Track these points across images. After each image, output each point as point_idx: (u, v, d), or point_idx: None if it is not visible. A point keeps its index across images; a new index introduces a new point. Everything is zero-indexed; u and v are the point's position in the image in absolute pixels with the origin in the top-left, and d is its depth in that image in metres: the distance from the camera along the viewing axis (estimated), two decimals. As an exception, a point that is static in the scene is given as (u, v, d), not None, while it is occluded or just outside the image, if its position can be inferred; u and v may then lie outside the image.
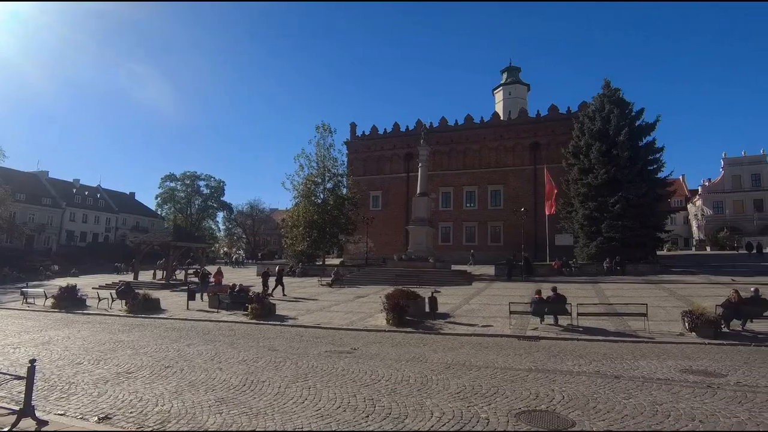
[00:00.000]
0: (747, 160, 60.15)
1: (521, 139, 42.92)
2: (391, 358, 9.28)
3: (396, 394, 6.67)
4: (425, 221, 31.09)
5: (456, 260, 34.40)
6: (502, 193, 43.16)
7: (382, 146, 48.71)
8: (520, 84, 55.90)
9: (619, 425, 5.20)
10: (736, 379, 7.27)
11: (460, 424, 5.38)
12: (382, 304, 14.21)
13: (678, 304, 14.94)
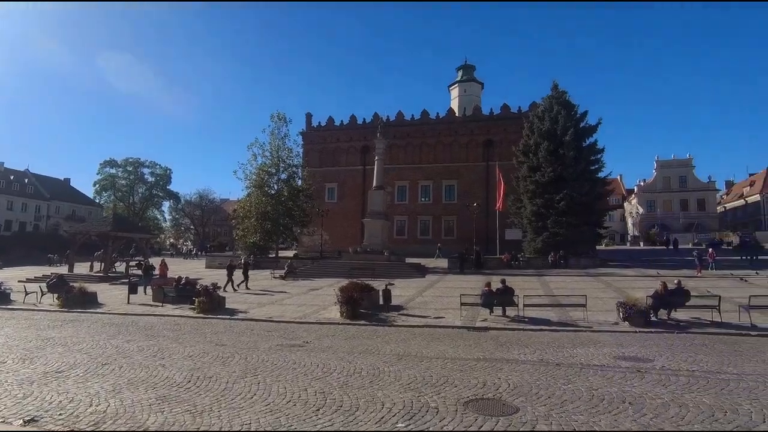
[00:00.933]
0: (676, 163, 65.31)
1: (475, 136, 44.04)
2: (344, 351, 9.25)
3: (348, 386, 6.66)
4: (381, 214, 31.22)
5: (410, 253, 34.85)
6: (456, 188, 44.15)
7: (339, 138, 48.24)
8: (475, 82, 57.14)
9: (558, 410, 5.49)
10: (662, 363, 7.89)
11: (411, 414, 5.46)
12: (336, 296, 14.14)
13: (614, 295, 15.97)
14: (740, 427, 4.88)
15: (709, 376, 6.99)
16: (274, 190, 37.00)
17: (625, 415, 5.27)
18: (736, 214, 69.56)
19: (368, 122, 46.63)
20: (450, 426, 5.05)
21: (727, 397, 5.92)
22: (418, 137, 45.76)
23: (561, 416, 5.26)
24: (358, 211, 43.80)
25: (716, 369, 7.46)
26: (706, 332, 10.70)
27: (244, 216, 36.47)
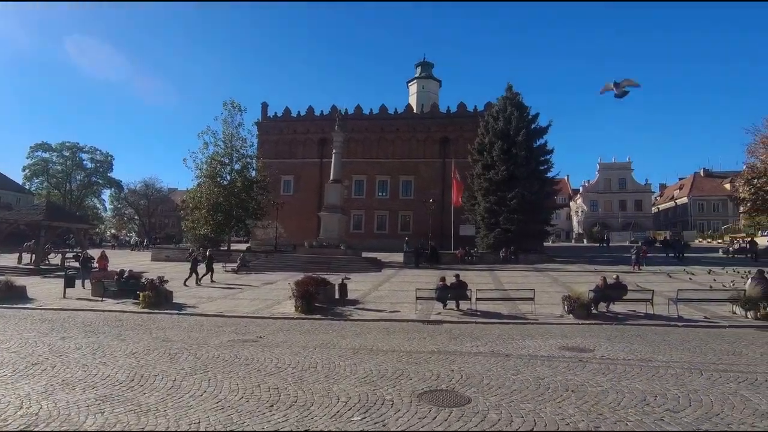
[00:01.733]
0: (617, 165, 69.71)
1: (432, 133, 44.72)
2: (299, 346, 9.13)
3: (303, 381, 6.58)
4: (338, 208, 31.00)
5: (367, 248, 34.91)
6: (413, 184, 44.70)
7: (295, 129, 47.32)
8: (433, 79, 57.92)
9: (508, 399, 5.71)
10: (601, 353, 8.41)
11: (366, 407, 5.48)
12: (291, 291, 13.90)
13: (559, 289, 16.83)
14: (669, 410, 5.30)
15: (642, 364, 7.53)
16: (226, 180, 35.71)
17: (568, 403, 5.57)
18: (667, 215, 75.42)
19: (326, 114, 46.10)
20: (405, 418, 5.12)
21: (658, 383, 6.41)
22: (376, 132, 45.84)
23: (510, 405, 5.48)
24: (314, 204, 43.24)
25: (648, 357, 8.05)
26: (640, 323, 11.51)
27: (194, 207, 34.96)
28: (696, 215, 68.84)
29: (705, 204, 68.85)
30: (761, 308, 11.52)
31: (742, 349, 8.66)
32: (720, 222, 63.62)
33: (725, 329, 10.81)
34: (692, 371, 7.04)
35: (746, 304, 11.84)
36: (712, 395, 5.80)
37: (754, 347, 8.80)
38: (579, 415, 5.14)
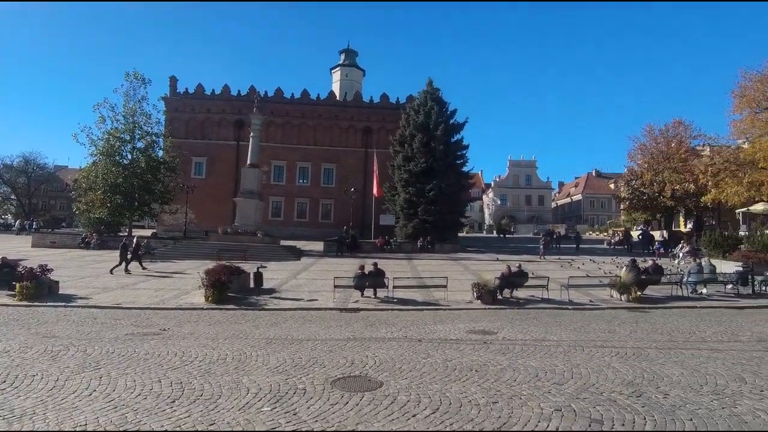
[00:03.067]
0: (524, 163, 75.64)
1: (355, 122, 44.59)
2: (208, 337, 8.66)
3: (210, 374, 6.26)
4: (255, 194, 29.76)
5: (287, 236, 34.05)
6: (335, 172, 44.33)
7: (209, 108, 44.23)
8: (357, 68, 57.72)
9: (418, 381, 5.96)
10: (503, 335, 9.14)
11: (277, 397, 5.37)
12: (201, 280, 13.11)
13: (470, 277, 17.86)
14: (556, 383, 5.92)
15: (536, 344, 8.32)
16: (127, 159, 32.36)
17: (471, 381, 5.97)
18: (564, 210, 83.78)
19: (243, 95, 43.71)
20: (317, 405, 5.11)
21: (548, 359, 7.13)
22: (297, 117, 44.56)
23: (420, 387, 5.72)
24: (229, 189, 41.08)
25: (542, 337, 8.91)
26: (537, 307, 12.68)
27: (88, 187, 31.27)
28: (588, 211, 77.45)
29: (595, 201, 77.72)
30: (632, 292, 13.31)
31: (616, 327, 9.95)
32: (606, 217, 72.21)
33: (604, 310, 12.32)
34: (576, 348, 7.93)
35: (621, 288, 13.58)
36: (590, 368, 6.60)
37: (626, 325, 10.16)
38: (480, 392, 5.54)
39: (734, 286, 14.75)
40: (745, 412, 4.88)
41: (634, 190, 47.66)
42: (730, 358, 7.26)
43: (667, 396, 5.42)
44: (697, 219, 47.10)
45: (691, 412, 4.90)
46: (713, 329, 9.71)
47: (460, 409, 4.98)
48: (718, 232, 26.28)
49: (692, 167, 43.39)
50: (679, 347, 8.07)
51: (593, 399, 5.31)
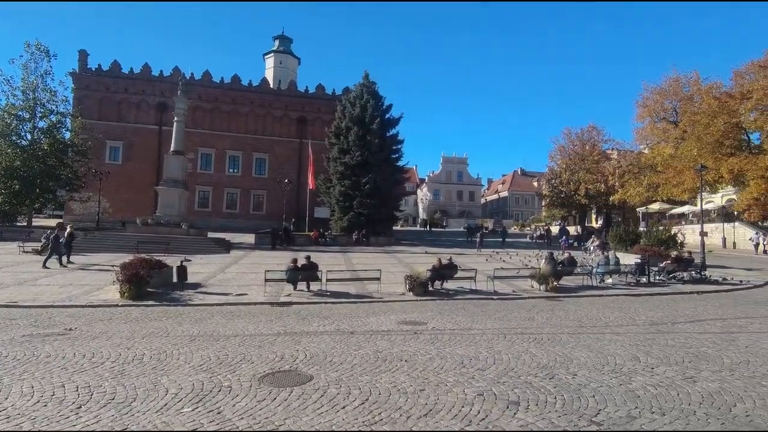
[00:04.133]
0: (456, 159, 78.53)
1: (289, 111, 43.42)
2: (123, 336, 8.01)
3: (124, 375, 5.79)
4: (180, 183, 27.94)
5: (215, 228, 32.44)
6: (268, 162, 42.94)
7: (127, 89, 40.65)
8: (292, 56, 56.04)
9: (348, 374, 5.98)
10: (433, 325, 9.45)
11: (200, 396, 5.11)
12: (116, 274, 12.07)
13: (403, 269, 18.26)
14: (479, 369, 6.25)
15: (463, 333, 8.72)
16: (26, 140, 28.81)
17: (401, 371, 6.11)
18: (493, 205, 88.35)
19: (167, 76, 40.75)
20: (243, 402, 4.94)
21: (473, 347, 7.50)
22: (227, 103, 42.40)
23: (350, 379, 5.75)
24: (150, 176, 38.23)
25: (469, 326, 9.35)
26: (465, 298, 13.27)
27: (-23, 171, 27.43)
28: (513, 207, 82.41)
29: (520, 198, 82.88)
30: (550, 282, 14.41)
31: (534, 315, 10.71)
32: (530, 213, 77.35)
33: (526, 300, 13.20)
34: (499, 336, 8.43)
35: (540, 279, 14.65)
36: (511, 354, 7.05)
37: (543, 313, 10.98)
38: (409, 381, 5.69)
39: (634, 276, 16.53)
40: (638, 388, 5.50)
41: (554, 189, 51.71)
42: (628, 340, 8.13)
43: (576, 376, 5.95)
44: (606, 216, 52.16)
45: (594, 390, 5.42)
46: (615, 315, 10.80)
47: (389, 399, 5.08)
48: (623, 228, 29.21)
49: (603, 169, 47.99)
50: (587, 332, 8.88)
51: (512, 382, 5.68)
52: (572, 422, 4.46)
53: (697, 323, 9.81)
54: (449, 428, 4.32)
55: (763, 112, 31.51)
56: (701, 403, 5.01)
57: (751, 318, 10.41)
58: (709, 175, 30.95)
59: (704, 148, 32.69)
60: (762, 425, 4.42)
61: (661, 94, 40.19)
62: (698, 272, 17.08)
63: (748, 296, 14.05)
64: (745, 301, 12.96)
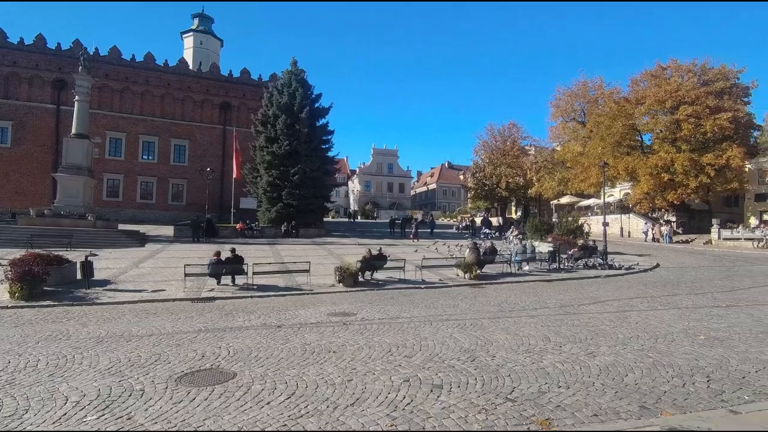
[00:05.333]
0: (386, 152, 79.43)
1: (211, 96, 40.82)
2: (13, 342, 7.09)
3: (14, 385, 5.13)
4: (83, 169, 25.19)
5: (127, 219, 29.78)
6: (188, 150, 40.14)
7: (16, 61, 35.55)
8: (214, 37, 52.58)
9: (275, 368, 5.83)
10: (362, 315, 9.53)
11: (107, 402, 4.68)
12: (4, 272, 10.63)
13: (334, 261, 18.16)
14: (406, 356, 6.42)
15: (392, 322, 8.89)
16: None
17: (329, 363, 6.08)
18: (422, 197, 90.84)
19: (66, 49, 36.30)
20: (158, 406, 4.60)
21: (401, 335, 7.68)
22: (140, 83, 38.81)
23: (276, 374, 5.60)
24: (47, 162, 34.11)
25: (397, 315, 9.56)
26: (395, 288, 13.55)
27: None
28: (441, 199, 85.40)
29: (447, 190, 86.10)
30: (473, 270, 15.19)
31: (459, 302, 11.23)
32: (456, 205, 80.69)
33: (451, 288, 13.80)
34: (425, 323, 8.72)
35: (464, 268, 15.39)
36: (436, 340, 7.32)
37: (467, 300, 11.55)
38: (337, 372, 5.68)
39: (547, 263, 17.97)
40: (548, 365, 5.99)
41: (478, 182, 54.44)
42: (541, 322, 8.83)
43: (494, 358, 6.33)
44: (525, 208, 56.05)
45: (510, 369, 5.81)
46: (531, 299, 11.68)
47: (316, 391, 5.03)
48: (538, 219, 31.59)
49: (522, 164, 51.45)
50: (506, 316, 9.50)
51: (436, 367, 5.90)
52: (490, 401, 4.75)
53: (598, 304, 10.92)
54: (376, 415, 4.39)
55: (653, 116, 35.66)
56: (599, 375, 5.59)
57: (641, 298, 11.81)
58: (610, 171, 34.46)
59: (607, 147, 36.26)
60: (647, 391, 5.04)
61: (571, 96, 43.82)
62: (601, 258, 19.00)
63: (639, 279, 15.92)
64: (637, 283, 14.68)
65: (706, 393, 4.98)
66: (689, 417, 4.16)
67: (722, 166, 31.57)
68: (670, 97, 33.53)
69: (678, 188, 33.13)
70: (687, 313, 9.57)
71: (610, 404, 4.65)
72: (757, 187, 34.71)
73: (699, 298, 11.70)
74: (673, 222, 35.93)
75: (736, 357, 6.28)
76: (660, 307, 10.40)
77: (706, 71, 34.68)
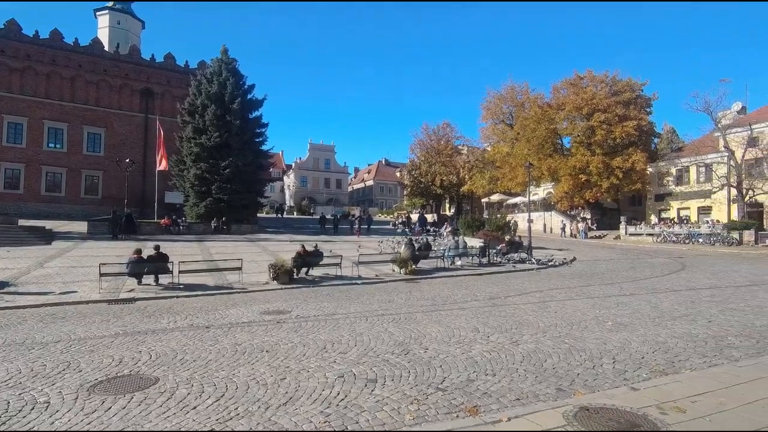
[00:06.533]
0: (323, 147, 78.53)
1: (131, 81, 37.53)
2: None
3: None
4: (-25, 158, 22.12)
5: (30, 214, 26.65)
6: (104, 138, 36.65)
7: None
8: (133, 17, 48.35)
9: (202, 371, 5.53)
10: (297, 313, 9.36)
11: (3, 419, 4.17)
12: None
13: (268, 258, 17.61)
14: (341, 352, 6.41)
15: (327, 318, 8.83)
16: None
17: (261, 362, 5.91)
18: (359, 193, 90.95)
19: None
20: (66, 418, 4.19)
21: (336, 332, 7.65)
22: (45, 63, 34.68)
23: (204, 377, 5.33)
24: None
25: (333, 312, 9.51)
26: (331, 284, 13.46)
27: None
28: (378, 195, 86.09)
29: (384, 187, 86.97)
30: (408, 266, 15.53)
31: (394, 297, 11.43)
32: (393, 201, 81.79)
33: (387, 283, 14.00)
34: (361, 319, 8.76)
35: (400, 263, 15.68)
36: (371, 335, 7.39)
37: (402, 295, 11.78)
38: (269, 371, 5.53)
39: (478, 258, 18.85)
40: (476, 354, 6.30)
41: (414, 179, 55.69)
42: (470, 314, 9.25)
43: (427, 350, 6.53)
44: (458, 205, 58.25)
45: (442, 360, 6.03)
46: (462, 292, 12.18)
47: (247, 392, 4.86)
48: (470, 215, 33.05)
49: (455, 162, 53.43)
50: (438, 309, 9.83)
51: (371, 362, 5.96)
52: (422, 391, 4.89)
53: (523, 295, 11.66)
54: (309, 413, 4.34)
55: (572, 122, 38.73)
56: (522, 361, 5.98)
57: (560, 289, 12.80)
58: (535, 171, 36.88)
59: (532, 149, 38.79)
60: (563, 374, 5.47)
61: (500, 99, 46.25)
62: (526, 253, 20.30)
63: (559, 271, 17.23)
64: (557, 276, 15.88)
65: (612, 373, 5.52)
66: (597, 395, 4.59)
67: (629, 169, 35.10)
68: (587, 104, 36.61)
69: (593, 188, 36.32)
70: (598, 302, 10.53)
71: (531, 388, 4.99)
72: (656, 188, 38.97)
73: (608, 288, 12.92)
74: (589, 219, 39.31)
75: (636, 340, 7.02)
76: (576, 297, 11.34)
77: (616, 82, 38.28)
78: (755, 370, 5.21)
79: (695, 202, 35.54)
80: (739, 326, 7.86)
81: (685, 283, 13.73)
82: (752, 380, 4.80)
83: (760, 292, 11.52)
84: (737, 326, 7.86)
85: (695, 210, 35.57)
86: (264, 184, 36.11)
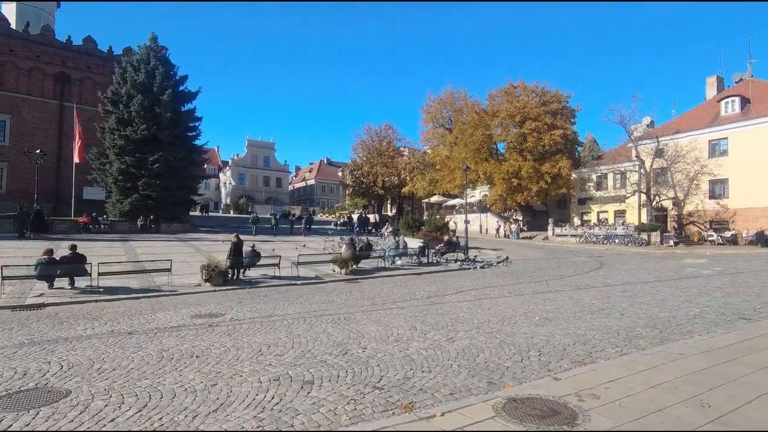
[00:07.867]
0: (262, 144, 76.23)
1: (44, 65, 33.90)
2: None
3: None
4: None
5: None
6: (9, 126, 32.77)
7: None
8: (47, -6, 43.72)
9: (122, 380, 5.12)
10: (231, 315, 8.98)
11: None
12: None
13: (201, 258, 16.71)
14: (277, 354, 6.24)
15: (263, 320, 8.55)
16: None
17: (190, 368, 5.58)
18: (300, 192, 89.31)
19: None
20: (-46, 443, 3.68)
21: (273, 334, 7.44)
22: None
23: (124, 386, 4.94)
24: None
25: (270, 314, 9.24)
26: (269, 285, 13.07)
27: None
28: (320, 195, 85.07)
29: (326, 186, 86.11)
30: (349, 266, 15.49)
31: (334, 297, 11.34)
32: (335, 201, 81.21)
33: (327, 283, 13.86)
34: (299, 320, 8.59)
35: (341, 263, 15.60)
36: (309, 336, 7.27)
37: (342, 295, 11.72)
38: (199, 378, 5.24)
39: (417, 258, 19.23)
40: (413, 352, 6.42)
41: (356, 179, 55.73)
42: (409, 312, 9.42)
43: (365, 349, 6.54)
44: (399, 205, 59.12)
45: (380, 359, 6.07)
46: (402, 291, 12.37)
47: (173, 401, 4.57)
48: (411, 216, 33.67)
49: (397, 164, 54.21)
50: (378, 308, 9.89)
51: (308, 363, 5.86)
52: (359, 391, 4.89)
53: (459, 294, 12.07)
54: (241, 418, 4.17)
55: (505, 129, 40.76)
56: (456, 357, 6.19)
57: (494, 287, 13.42)
58: (471, 175, 38.39)
59: (469, 153, 40.30)
60: (494, 368, 5.74)
61: (440, 103, 47.60)
62: (463, 253, 21.04)
63: (492, 270, 18.05)
64: (491, 274, 16.64)
65: (537, 365, 5.88)
66: (524, 387, 4.86)
67: (556, 175, 37.62)
68: (519, 112, 38.76)
69: (524, 191, 38.49)
70: (528, 299, 11.17)
71: (464, 383, 5.17)
72: (579, 193, 42.15)
73: (537, 285, 13.76)
74: (520, 221, 41.63)
75: (560, 333, 7.54)
76: (508, 294, 11.95)
77: (545, 93, 40.91)
78: (659, 357, 5.80)
79: (612, 206, 38.89)
80: (645, 318, 8.70)
81: (602, 279, 14.97)
82: (656, 366, 5.33)
83: (663, 288, 12.85)
84: (644, 318, 8.70)
85: (612, 213, 38.92)
86: (197, 180, 34.35)
